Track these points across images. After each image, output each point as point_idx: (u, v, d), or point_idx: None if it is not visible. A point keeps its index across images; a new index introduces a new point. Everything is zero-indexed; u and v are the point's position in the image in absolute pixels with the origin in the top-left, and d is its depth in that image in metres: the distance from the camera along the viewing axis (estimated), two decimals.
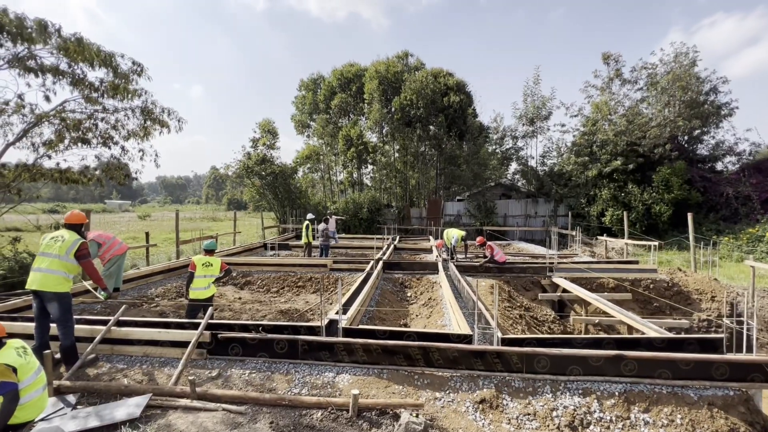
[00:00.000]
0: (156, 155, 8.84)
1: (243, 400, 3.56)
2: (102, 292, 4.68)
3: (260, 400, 3.55)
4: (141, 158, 8.38)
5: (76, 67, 6.50)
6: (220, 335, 4.37)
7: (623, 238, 16.45)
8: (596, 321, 6.42)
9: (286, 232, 20.00)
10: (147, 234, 10.75)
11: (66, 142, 7.29)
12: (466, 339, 4.47)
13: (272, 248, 12.78)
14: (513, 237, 21.25)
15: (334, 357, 4.25)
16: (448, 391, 3.86)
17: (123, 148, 8.05)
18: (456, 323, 5.42)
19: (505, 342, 4.34)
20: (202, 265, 5.96)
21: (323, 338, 4.26)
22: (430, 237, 18.22)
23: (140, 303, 7.34)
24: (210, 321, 4.73)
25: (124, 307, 4.67)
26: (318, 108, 29.11)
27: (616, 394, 3.79)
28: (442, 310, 6.95)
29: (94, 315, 6.39)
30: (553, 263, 9.85)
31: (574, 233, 17.44)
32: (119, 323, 4.69)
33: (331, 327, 4.87)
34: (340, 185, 29.71)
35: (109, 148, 7.85)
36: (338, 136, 26.60)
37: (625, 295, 7.98)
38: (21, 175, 7.39)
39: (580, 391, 3.84)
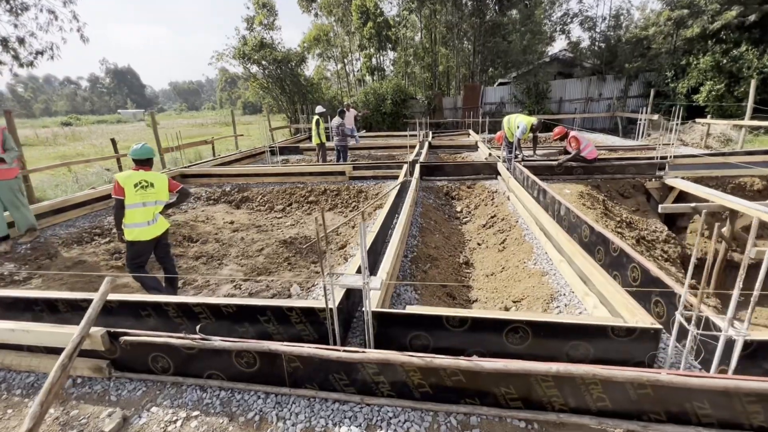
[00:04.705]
0: None
1: None
2: None
3: None
4: None
5: None
6: (123, 339, 2.12)
7: (720, 120, 12.62)
8: None
9: (298, 134, 17.24)
10: (113, 141, 8.32)
11: None
12: (639, 337, 2.03)
13: (272, 152, 10.23)
14: (571, 126, 17.49)
15: (359, 384, 1.97)
16: None
17: None
18: (596, 286, 2.94)
19: (757, 350, 1.87)
20: (134, 186, 3.54)
21: (332, 351, 1.91)
22: (470, 131, 14.96)
23: (88, 238, 5.29)
24: (113, 298, 2.48)
25: None
26: None
27: None
28: (523, 238, 4.47)
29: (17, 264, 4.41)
30: (666, 158, 6.85)
31: (655, 117, 13.66)
32: None
33: (349, 306, 2.54)
34: (357, 74, 25.37)
35: None
36: (351, 9, 21.40)
37: None
38: None
39: None
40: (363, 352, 1.88)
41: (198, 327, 2.04)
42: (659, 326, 2.01)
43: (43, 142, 21.56)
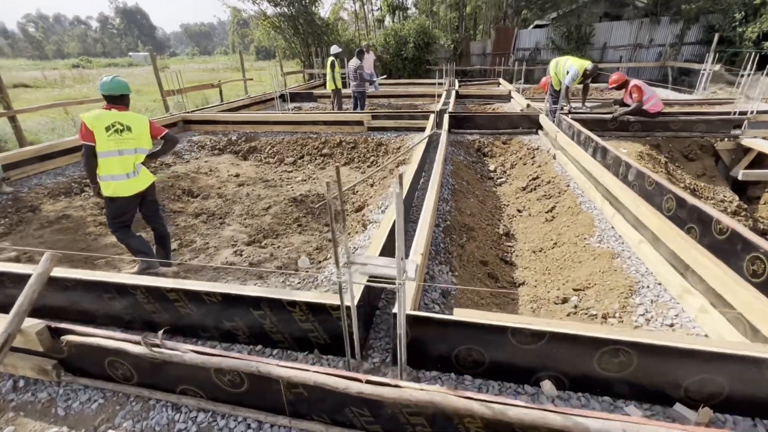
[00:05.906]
0: None
1: None
2: None
3: None
4: None
5: None
6: (65, 339, 1.56)
7: None
8: None
9: (312, 79, 16.01)
10: None
11: None
12: None
13: (284, 99, 9.30)
14: None
15: (387, 423, 1.38)
16: None
17: None
18: (706, 281, 2.22)
19: None
20: (107, 129, 2.87)
21: (350, 381, 1.30)
22: (500, 80, 13.50)
23: (78, 189, 4.75)
24: (68, 276, 1.90)
25: None
26: None
27: None
28: (578, 206, 3.69)
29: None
30: (746, 113, 5.74)
31: (717, 67, 11.92)
32: None
33: (371, 298, 1.91)
34: (377, 13, 23.18)
35: None
36: None
37: None
38: None
39: None
40: (396, 386, 1.26)
41: (161, 332, 1.44)
42: None
43: (50, 84, 20.82)
